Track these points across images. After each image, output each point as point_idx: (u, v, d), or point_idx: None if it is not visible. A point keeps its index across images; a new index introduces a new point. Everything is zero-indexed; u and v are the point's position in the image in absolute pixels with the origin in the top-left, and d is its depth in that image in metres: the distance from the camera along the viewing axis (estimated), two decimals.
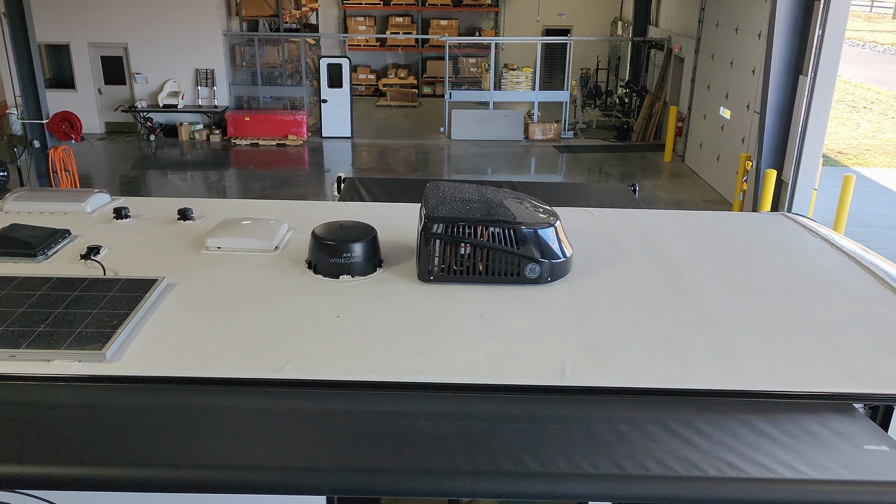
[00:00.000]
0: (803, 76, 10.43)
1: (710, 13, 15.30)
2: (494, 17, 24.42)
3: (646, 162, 16.82)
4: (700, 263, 3.44)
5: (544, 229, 3.12)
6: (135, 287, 2.84)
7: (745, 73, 13.26)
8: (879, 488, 1.98)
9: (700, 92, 15.82)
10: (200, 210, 3.93)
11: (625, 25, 22.22)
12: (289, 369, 2.45)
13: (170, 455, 2.04)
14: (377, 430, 2.17)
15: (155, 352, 2.52)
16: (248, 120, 17.97)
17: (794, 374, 2.52)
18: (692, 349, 2.66)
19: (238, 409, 2.27)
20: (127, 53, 17.97)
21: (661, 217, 4.14)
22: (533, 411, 2.32)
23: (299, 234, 3.59)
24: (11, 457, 2.02)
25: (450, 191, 3.36)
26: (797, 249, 3.66)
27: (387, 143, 18.33)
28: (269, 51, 19.03)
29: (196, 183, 14.98)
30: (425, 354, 2.57)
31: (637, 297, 3.06)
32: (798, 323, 2.88)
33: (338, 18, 24.38)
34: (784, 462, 2.06)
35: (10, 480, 2.01)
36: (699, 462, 2.04)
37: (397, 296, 2.99)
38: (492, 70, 19.26)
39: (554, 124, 18.67)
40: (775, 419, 2.29)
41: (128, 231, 3.61)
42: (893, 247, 11.13)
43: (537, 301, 2.98)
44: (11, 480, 2.01)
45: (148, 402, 2.29)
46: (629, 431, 2.20)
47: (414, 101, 23.14)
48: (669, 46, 17.81)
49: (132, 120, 18.21)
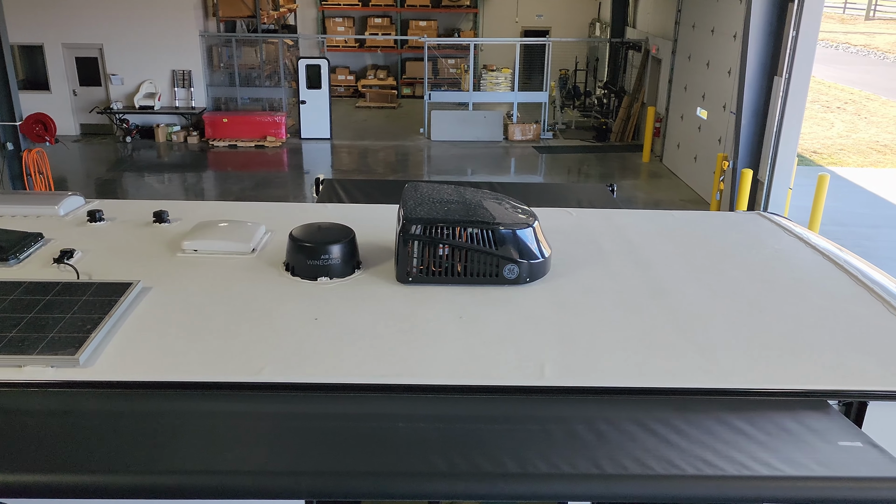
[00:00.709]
0: (778, 77, 10.56)
1: (686, 15, 15.44)
2: (473, 18, 24.46)
3: (624, 162, 16.94)
4: (677, 263, 3.47)
5: (522, 230, 3.12)
6: (109, 291, 2.80)
7: (722, 73, 13.40)
8: (854, 484, 2.00)
9: (677, 93, 15.96)
10: (176, 212, 3.89)
11: (603, 27, 22.36)
12: (266, 373, 2.43)
13: (146, 461, 2.01)
14: (355, 432, 2.16)
15: (130, 356, 2.49)
16: (226, 121, 17.84)
17: (770, 372, 2.54)
18: (670, 348, 2.68)
19: (215, 414, 2.25)
20: (102, 54, 17.76)
21: (638, 217, 4.16)
22: (512, 412, 2.32)
23: (277, 237, 3.57)
24: None
25: (428, 192, 3.35)
26: (772, 248, 3.70)
27: (366, 144, 18.29)
28: (246, 52, 18.91)
29: (173, 185, 14.84)
30: (404, 356, 2.56)
31: (615, 297, 3.08)
32: (774, 321, 2.91)
33: (316, 19, 24.29)
34: (760, 459, 2.08)
35: None
36: (677, 461, 2.05)
37: (376, 298, 2.98)
38: (471, 71, 19.29)
39: (533, 125, 18.73)
40: (751, 417, 2.31)
41: (102, 234, 3.57)
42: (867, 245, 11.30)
43: (516, 302, 2.99)
44: None
45: (123, 407, 2.26)
46: (608, 431, 2.21)
47: (393, 102, 23.11)
48: (647, 47, 17.95)
49: (108, 122, 18.01)
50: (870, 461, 2.09)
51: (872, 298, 3.12)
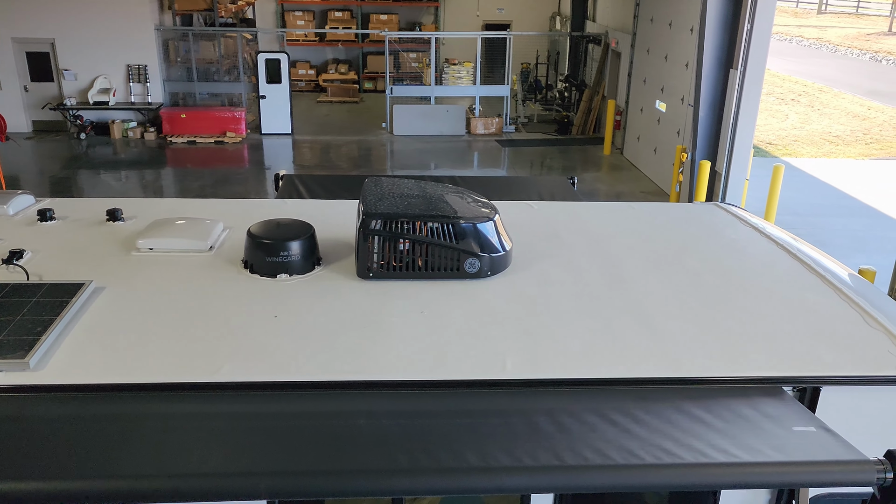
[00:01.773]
0: (734, 70, 10.75)
1: (644, 9, 15.61)
2: (434, 11, 24.38)
3: (586, 155, 17.07)
4: (636, 254, 3.50)
5: (483, 223, 3.12)
6: (60, 292, 2.73)
7: (679, 67, 13.58)
8: (808, 468, 2.04)
9: (637, 86, 16.14)
10: (131, 210, 3.80)
11: (563, 20, 22.49)
12: (225, 372, 2.40)
13: (100, 466, 1.96)
14: (316, 431, 2.14)
15: (82, 359, 2.43)
16: (185, 117, 17.51)
17: (727, 360, 2.59)
18: (629, 339, 2.70)
19: (172, 416, 2.20)
20: (54, 49, 17.28)
21: (598, 209, 4.20)
22: (474, 406, 2.32)
23: (235, 234, 3.51)
24: None
25: (389, 187, 3.33)
26: (729, 238, 3.77)
27: (328, 139, 18.13)
28: (204, 46, 18.57)
29: (131, 183, 14.52)
30: (365, 352, 2.54)
31: (575, 289, 3.10)
32: (730, 310, 2.96)
33: (275, 13, 23.96)
34: (718, 446, 2.11)
35: None
36: (637, 450, 2.08)
37: (336, 294, 2.95)
38: (433, 65, 19.24)
39: (496, 119, 18.77)
40: (709, 405, 2.35)
41: (53, 234, 3.47)
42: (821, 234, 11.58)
43: (477, 295, 2.99)
44: None
45: (76, 411, 2.20)
46: (569, 422, 2.22)
47: (355, 96, 22.94)
48: (606, 41, 18.11)
49: (61, 118, 17.54)
50: (823, 445, 2.13)
51: (825, 286, 3.19)
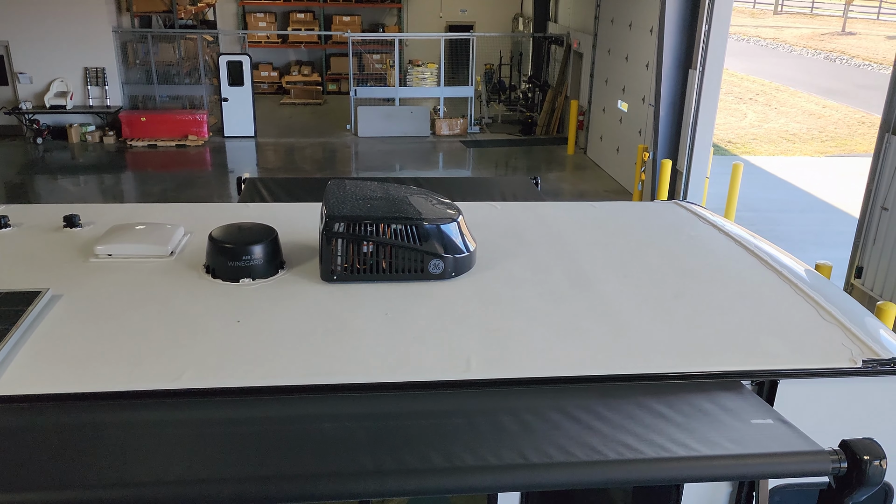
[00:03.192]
0: (692, 70, 10.94)
1: (605, 10, 15.80)
2: (398, 12, 24.36)
3: (550, 155, 17.21)
4: (599, 252, 3.55)
5: (447, 224, 3.14)
6: (15, 300, 2.67)
7: (640, 67, 13.77)
8: (766, 460, 2.09)
9: (599, 86, 16.32)
10: (89, 216, 3.73)
11: (525, 21, 22.64)
12: (186, 378, 2.37)
13: (61, 476, 1.92)
14: (280, 436, 2.13)
15: (40, 368, 2.38)
16: (145, 120, 17.23)
17: (687, 355, 2.64)
18: (592, 336, 2.74)
19: (132, 424, 2.17)
20: (8, 51, 16.86)
21: (561, 209, 4.24)
22: (438, 406, 2.33)
23: (196, 238, 3.47)
24: None
25: (352, 189, 3.33)
26: (688, 236, 3.84)
27: (292, 141, 18.00)
28: (164, 48, 18.29)
29: (90, 187, 14.24)
30: (330, 356, 2.54)
31: (539, 288, 3.13)
32: (690, 306, 3.01)
33: (236, 14, 23.70)
34: (678, 441, 2.15)
35: None
36: (599, 446, 2.11)
37: (300, 297, 2.94)
38: (396, 66, 19.22)
39: (460, 120, 18.82)
40: (670, 399, 2.39)
41: (8, 241, 3.39)
42: (780, 230, 11.84)
43: (442, 296, 3.00)
44: None
45: (33, 421, 2.16)
46: (532, 421, 2.24)
47: (319, 98, 22.80)
48: (568, 42, 18.28)
49: (17, 122, 17.12)
50: (780, 437, 2.19)
51: (782, 282, 3.27)
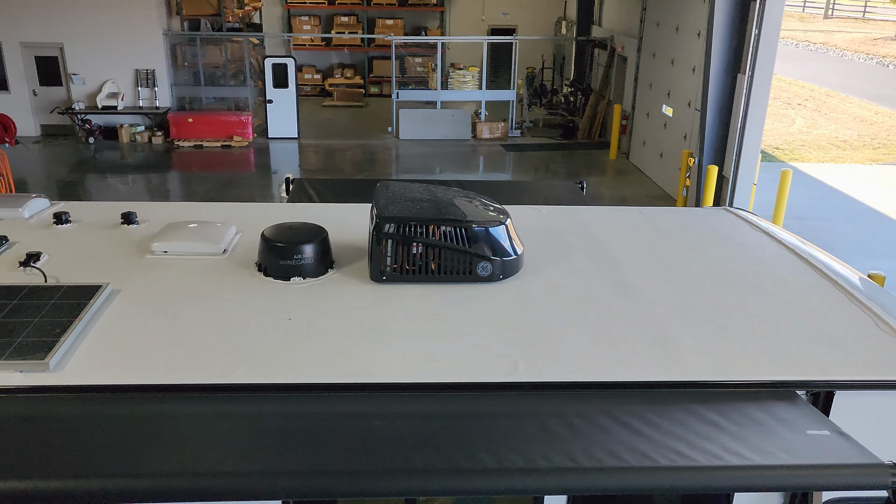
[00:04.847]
0: (741, 74, 10.76)
1: (651, 13, 15.64)
2: (440, 16, 24.45)
3: (591, 159, 17.09)
4: (647, 258, 3.52)
5: (495, 227, 3.14)
6: (77, 294, 2.76)
7: (686, 71, 13.59)
8: (822, 471, 2.05)
9: (643, 90, 16.15)
10: (144, 214, 3.83)
11: (569, 25, 22.53)
12: (240, 373, 2.42)
13: (119, 465, 1.99)
14: (332, 432, 2.16)
15: (100, 360, 2.45)
16: (192, 121, 17.59)
17: (738, 364, 2.60)
18: (639, 343, 2.72)
19: (189, 416, 2.23)
20: (63, 53, 17.38)
21: (607, 214, 4.21)
22: (486, 408, 2.34)
23: (247, 237, 3.54)
24: None
25: (400, 190, 3.36)
26: (738, 242, 3.78)
27: (333, 143, 18.19)
28: (211, 51, 18.65)
29: (137, 186, 14.59)
30: (379, 355, 2.56)
31: (585, 293, 3.11)
32: (740, 314, 2.97)
33: (281, 18, 24.06)
34: (731, 449, 2.12)
35: None
36: (650, 452, 2.09)
37: (349, 297, 2.97)
38: (438, 69, 19.29)
39: (501, 123, 18.80)
40: (721, 408, 2.36)
41: (69, 237, 3.50)
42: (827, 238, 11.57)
43: (489, 299, 3.01)
44: None
45: (94, 411, 2.23)
46: (581, 424, 2.24)
47: (360, 100, 23.01)
48: (612, 46, 18.13)
49: (69, 122, 17.63)
50: (837, 448, 2.14)
51: (837, 291, 3.20)
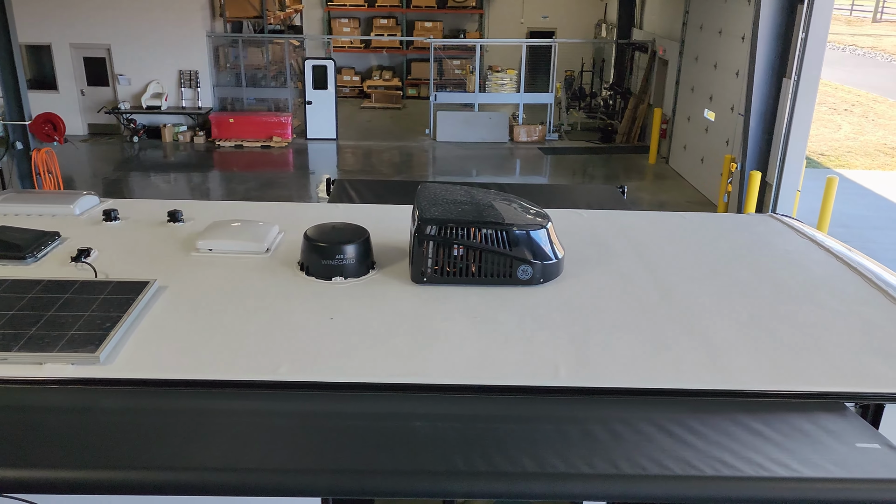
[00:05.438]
0: (787, 79, 10.55)
1: (693, 16, 15.43)
2: (479, 18, 24.47)
3: (630, 163, 16.93)
4: (688, 264, 3.47)
5: (536, 231, 3.13)
6: (126, 289, 2.82)
7: (729, 75, 13.38)
8: (872, 485, 2.00)
9: (684, 94, 15.95)
10: (190, 212, 3.90)
11: (609, 28, 22.35)
12: (283, 371, 2.45)
13: (166, 458, 2.03)
14: (373, 431, 2.17)
15: (148, 354, 2.50)
16: (233, 121, 17.88)
17: (784, 374, 2.55)
18: (682, 350, 2.68)
19: (233, 412, 2.26)
20: (110, 54, 17.82)
21: (649, 219, 4.17)
22: (527, 412, 2.33)
23: (290, 236, 3.58)
24: (4, 461, 2.00)
25: (442, 193, 3.37)
26: (784, 250, 3.70)
27: (371, 144, 18.31)
28: (252, 52, 18.95)
29: (179, 185, 14.88)
30: (419, 356, 2.57)
31: (627, 298, 3.08)
32: (786, 323, 2.91)
33: (322, 20, 24.33)
34: (778, 460, 2.08)
35: (4, 485, 1.99)
36: (694, 461, 2.06)
37: (390, 297, 2.99)
38: (476, 72, 19.30)
39: (538, 126, 18.74)
40: (767, 418, 2.32)
41: (117, 233, 3.59)
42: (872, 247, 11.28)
43: (530, 302, 3.00)
44: (5, 485, 1.99)
45: (142, 404, 2.27)
46: (623, 431, 2.21)
47: (398, 102, 23.13)
48: (653, 49, 17.94)
49: (115, 121, 18.06)
50: (887, 462, 2.09)
51: (886, 301, 3.12)
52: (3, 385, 2.33)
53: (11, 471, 1.98)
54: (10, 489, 1.99)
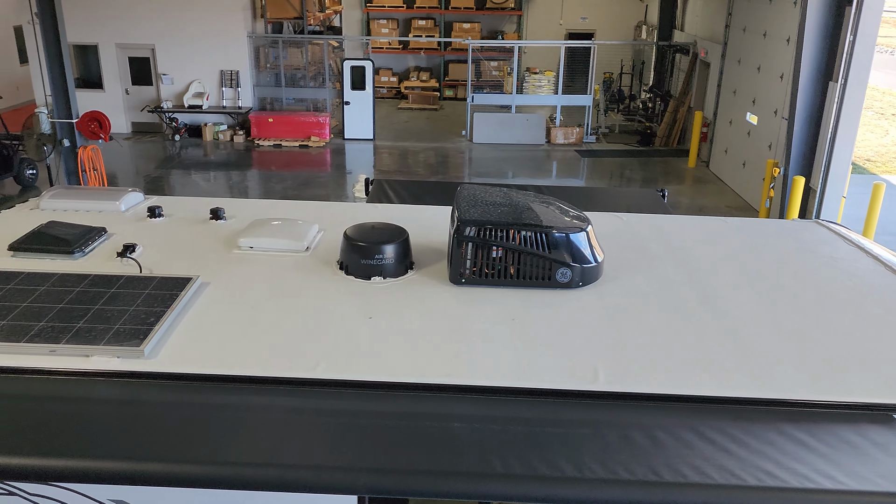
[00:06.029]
0: (833, 82, 10.32)
1: (737, 18, 15.18)
2: (517, 20, 24.40)
3: (668, 167, 16.71)
4: (731, 270, 3.41)
5: (576, 234, 3.11)
6: (170, 285, 2.87)
7: (773, 78, 13.13)
8: None
9: (726, 97, 15.70)
10: (231, 210, 3.96)
11: (649, 29, 22.11)
12: (321, 369, 2.46)
13: (207, 452, 2.06)
14: (410, 431, 2.18)
15: (190, 349, 2.54)
16: (272, 121, 18.10)
17: (831, 384, 2.49)
18: (725, 357, 2.63)
19: (272, 408, 2.29)
20: (154, 54, 18.18)
21: (691, 223, 4.11)
22: (566, 416, 2.31)
23: (329, 235, 3.61)
24: (52, 450, 2.05)
25: (481, 194, 3.36)
26: (830, 257, 3.62)
27: (408, 145, 18.38)
28: (292, 53, 19.16)
29: (219, 183, 15.11)
30: (458, 357, 2.57)
31: (668, 303, 3.04)
32: (833, 332, 2.84)
33: (361, 21, 24.51)
34: (823, 472, 2.03)
35: (51, 474, 2.04)
36: (737, 470, 2.02)
37: (429, 298, 2.99)
38: (514, 73, 19.24)
39: (576, 128, 18.61)
40: (812, 429, 2.26)
41: (161, 230, 3.65)
42: None
43: (568, 305, 2.97)
44: (52, 474, 2.04)
45: (185, 398, 2.31)
46: (664, 438, 2.18)
47: (435, 103, 23.18)
48: (695, 51, 17.70)
49: (157, 120, 18.42)
50: None
51: None
52: (52, 376, 2.39)
53: (58, 460, 2.03)
54: (56, 478, 2.04)
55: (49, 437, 2.10)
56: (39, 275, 2.93)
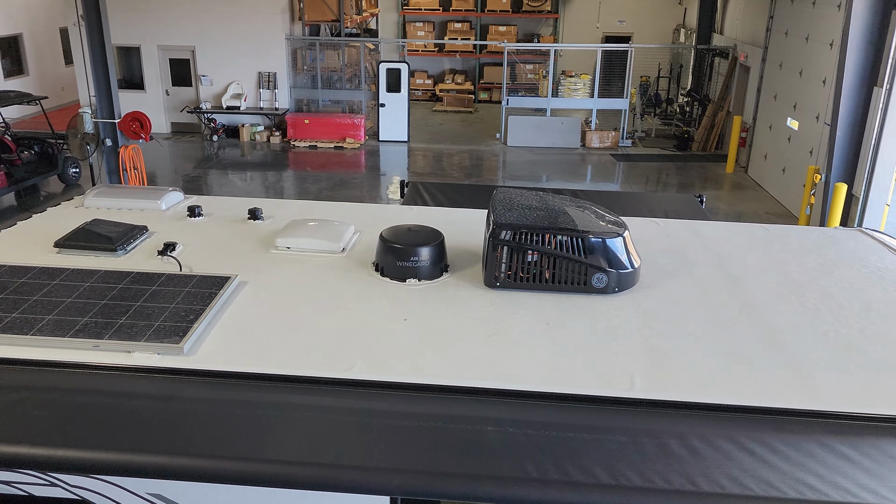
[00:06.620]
0: (878, 87, 10.08)
1: (778, 21, 14.92)
2: (553, 23, 24.31)
3: (706, 172, 16.48)
4: (770, 278, 3.35)
5: (612, 239, 3.08)
6: (209, 284, 2.92)
7: (816, 82, 12.88)
8: None
9: (766, 102, 15.43)
10: (269, 210, 4.01)
11: (688, 33, 21.84)
12: (357, 370, 2.48)
13: (243, 448, 2.08)
14: (445, 433, 2.18)
15: (228, 347, 2.58)
16: (308, 122, 18.28)
17: (876, 396, 2.43)
18: (764, 366, 2.59)
19: (308, 407, 2.30)
20: (194, 56, 18.50)
21: (730, 229, 4.05)
22: (601, 422, 2.29)
23: (365, 237, 3.63)
24: (93, 443, 2.10)
25: (517, 198, 3.35)
26: (875, 266, 3.53)
27: (442, 147, 18.41)
28: (329, 55, 19.33)
29: (255, 183, 15.30)
30: (492, 360, 2.56)
31: (706, 310, 3.00)
32: (877, 343, 2.77)
33: (397, 23, 24.64)
34: (867, 486, 1.98)
35: (91, 466, 2.08)
36: (777, 483, 1.99)
37: (464, 301, 2.99)
38: (550, 77, 19.16)
39: (612, 132, 18.46)
40: (855, 442, 2.21)
41: (201, 229, 3.71)
42: None
43: (604, 311, 2.95)
44: (92, 466, 2.08)
45: (223, 396, 2.34)
46: (701, 447, 2.15)
47: (470, 106, 23.19)
48: (734, 55, 17.43)
49: (196, 121, 18.73)
50: None
51: None
52: (95, 371, 2.44)
53: (99, 453, 2.07)
54: (96, 470, 2.09)
55: (90, 430, 2.14)
56: (84, 271, 3.00)
